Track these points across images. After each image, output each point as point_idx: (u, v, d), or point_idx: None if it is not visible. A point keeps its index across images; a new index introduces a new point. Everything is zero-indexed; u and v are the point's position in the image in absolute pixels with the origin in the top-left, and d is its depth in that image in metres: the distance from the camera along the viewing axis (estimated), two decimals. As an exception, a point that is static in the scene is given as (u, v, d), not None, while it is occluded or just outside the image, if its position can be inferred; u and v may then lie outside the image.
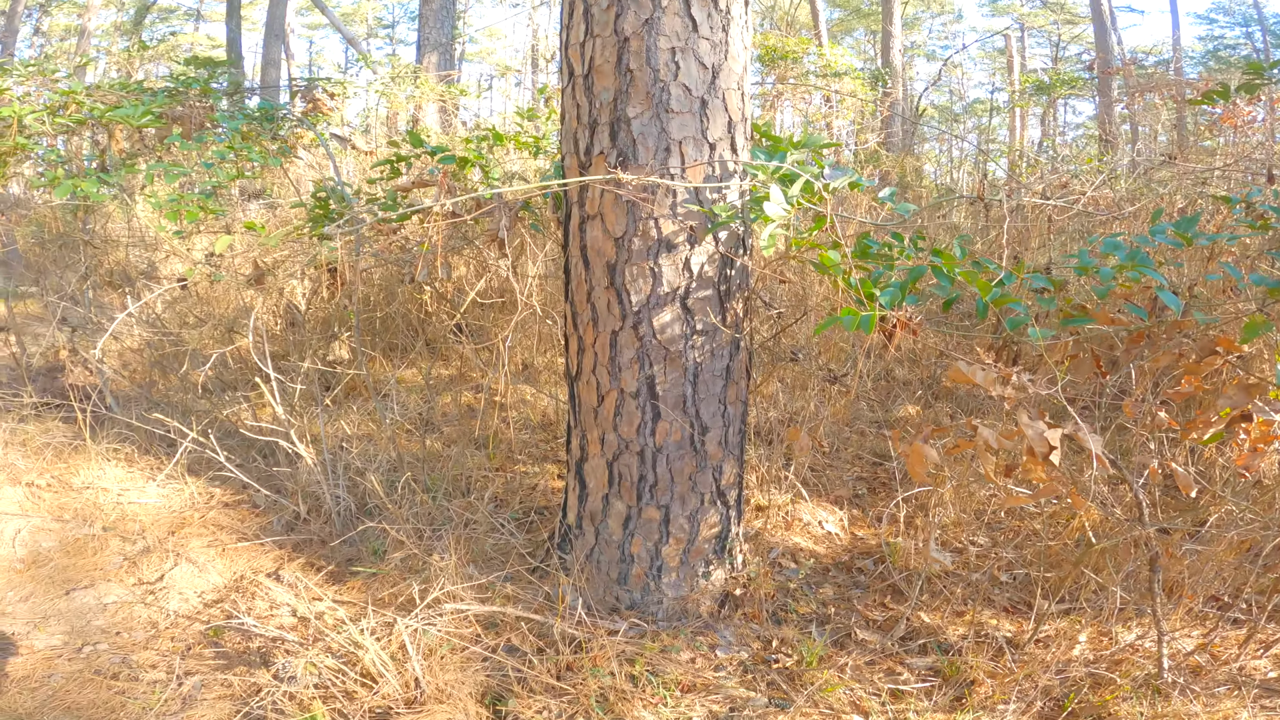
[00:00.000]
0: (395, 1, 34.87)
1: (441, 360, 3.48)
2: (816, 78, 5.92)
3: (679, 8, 1.74)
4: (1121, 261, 1.64)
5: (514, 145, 2.74)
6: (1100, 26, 13.88)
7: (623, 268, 1.79)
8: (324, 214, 2.35)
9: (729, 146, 1.79)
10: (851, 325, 1.43)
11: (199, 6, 29.52)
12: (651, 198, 1.69)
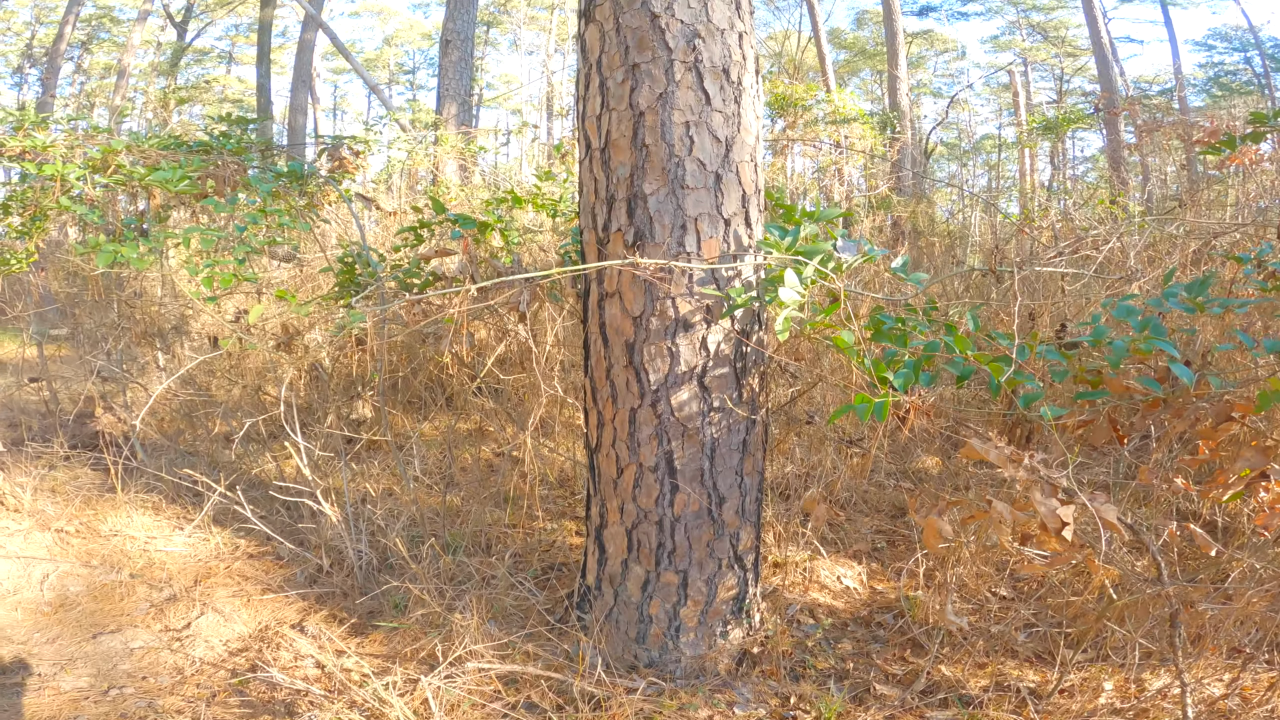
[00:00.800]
0: (416, 48, 36.03)
1: (461, 416, 3.54)
2: (826, 124, 6.03)
3: (692, 81, 1.81)
4: (1135, 332, 1.66)
5: (532, 207, 2.82)
6: (1101, 58, 14.01)
7: (641, 347, 1.83)
8: (350, 279, 2.43)
9: (743, 221, 1.84)
10: (865, 414, 1.46)
11: (231, 50, 30.72)
12: (669, 277, 1.74)
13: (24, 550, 2.65)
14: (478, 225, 2.27)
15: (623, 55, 1.83)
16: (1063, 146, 18.75)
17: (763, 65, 14.56)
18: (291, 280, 3.67)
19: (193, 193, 2.57)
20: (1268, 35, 24.62)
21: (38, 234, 3.54)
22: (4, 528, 2.81)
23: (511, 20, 31.10)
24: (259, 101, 15.23)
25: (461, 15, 8.45)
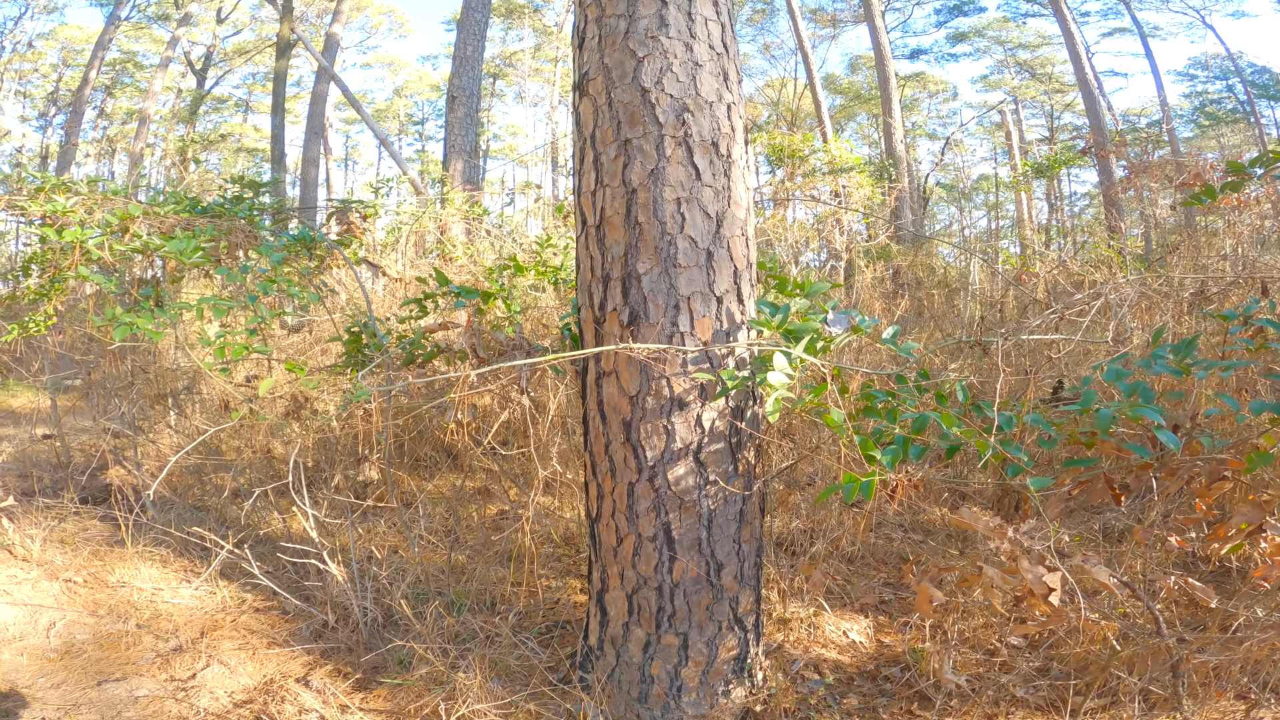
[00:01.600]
0: (425, 99, 37.06)
1: (466, 475, 3.59)
2: (824, 174, 6.16)
3: (682, 156, 1.88)
4: (1124, 398, 1.71)
5: (534, 274, 2.91)
6: (1087, 95, 14.28)
7: (638, 424, 1.88)
8: (358, 349, 2.51)
9: (735, 298, 1.90)
10: (850, 495, 1.51)
11: (248, 98, 31.70)
12: (664, 356, 1.80)
13: (31, 598, 2.69)
14: (481, 295, 2.35)
15: (615, 130, 1.91)
16: (1058, 185, 18.96)
17: (760, 113, 14.92)
18: (300, 343, 3.76)
19: (205, 263, 2.66)
20: (1247, 62, 24.95)
21: (56, 296, 3.64)
22: (12, 576, 2.85)
23: (516, 73, 32.00)
24: (273, 152, 15.63)
25: (467, 72, 8.69)
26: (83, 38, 27.17)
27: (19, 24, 25.36)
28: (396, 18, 30.14)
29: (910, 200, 10.65)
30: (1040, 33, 26.97)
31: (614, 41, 1.98)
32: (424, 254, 4.48)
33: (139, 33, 26.87)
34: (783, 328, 1.78)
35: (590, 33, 2.07)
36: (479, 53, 9.06)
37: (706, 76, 1.95)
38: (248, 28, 27.05)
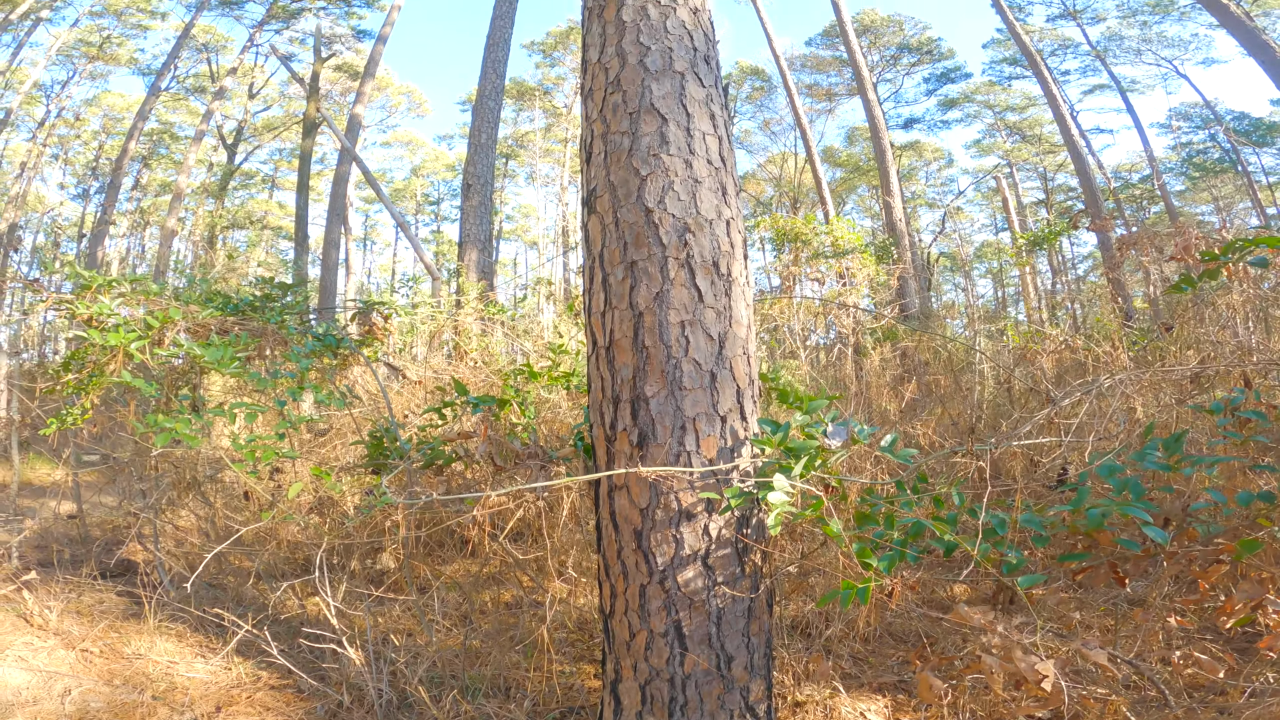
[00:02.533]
0: (441, 179, 38.50)
1: (481, 561, 3.65)
2: (827, 259, 6.36)
3: (685, 279, 2.03)
4: (1115, 494, 1.81)
5: (547, 379, 3.05)
6: (1076, 156, 14.60)
7: (648, 534, 1.98)
8: (379, 451, 2.63)
9: (739, 416, 2.02)
10: (847, 601, 1.59)
11: (274, 174, 33.11)
12: (671, 476, 1.91)
13: (47, 665, 2.72)
14: (497, 402, 2.48)
15: (622, 251, 2.07)
16: (1059, 249, 19.24)
17: (764, 190, 15.35)
18: (324, 444, 3.90)
19: (240, 375, 2.82)
20: (1225, 109, 25.33)
21: (94, 391, 3.82)
22: (28, 643, 2.89)
23: (528, 153, 33.25)
24: (297, 233, 16.30)
25: (481, 159, 9.06)
26: (124, 105, 28.54)
27: (65, 88, 26.53)
28: (415, 98, 31.59)
29: (914, 275, 10.83)
30: (1026, 94, 27.82)
31: (619, 159, 2.17)
32: (440, 348, 4.66)
33: (177, 104, 28.32)
34: (784, 444, 1.89)
35: (597, 148, 2.27)
36: (492, 139, 9.47)
37: (706, 193, 2.12)
38: (277, 104, 28.43)
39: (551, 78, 30.70)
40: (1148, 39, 23.76)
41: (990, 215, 33.43)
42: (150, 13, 23.15)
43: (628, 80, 2.26)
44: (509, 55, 10.90)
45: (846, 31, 15.34)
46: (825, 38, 27.05)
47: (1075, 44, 24.84)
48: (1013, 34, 16.04)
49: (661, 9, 2.41)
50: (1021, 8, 23.92)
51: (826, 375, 5.57)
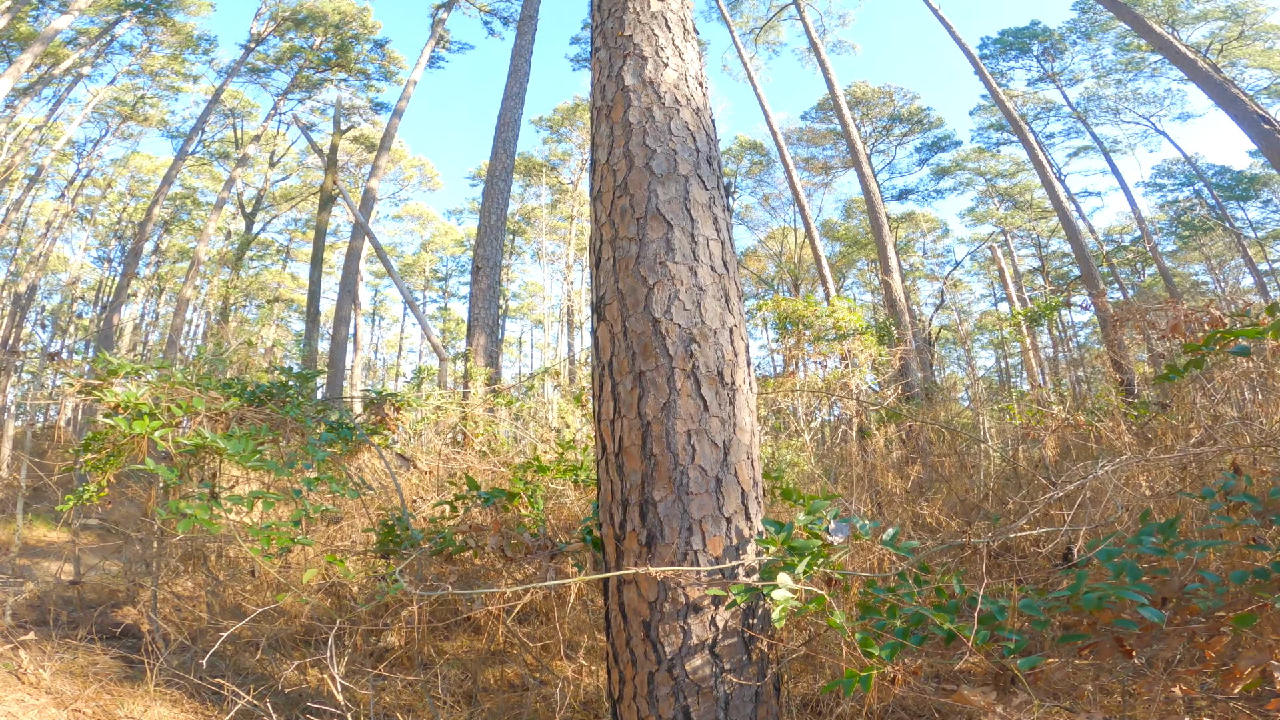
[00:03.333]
0: (449, 255, 39.46)
1: (486, 638, 3.64)
2: (829, 339, 6.49)
3: (691, 389, 2.13)
4: (1111, 579, 1.89)
5: (556, 473, 3.14)
6: (1066, 223, 14.83)
7: (656, 625, 2.03)
8: (390, 537, 2.69)
9: (743, 517, 2.10)
10: (849, 689, 1.64)
11: (289, 245, 33.97)
12: (679, 574, 1.97)
13: None
14: (506, 495, 2.56)
15: (630, 361, 2.18)
16: (1059, 316, 19.42)
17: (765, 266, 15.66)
18: (335, 531, 3.95)
19: (262, 467, 2.91)
20: (1206, 164, 25.85)
21: (111, 469, 3.92)
22: (19, 699, 2.86)
23: (534, 230, 34.03)
24: (309, 309, 16.71)
25: (490, 241, 9.30)
26: (150, 167, 29.52)
27: (97, 147, 27.41)
28: (427, 171, 32.65)
29: (916, 354, 10.91)
30: (1015, 159, 28.53)
31: (626, 266, 2.30)
32: (447, 432, 4.76)
33: (201, 168, 29.34)
34: (787, 543, 1.96)
35: (606, 253, 2.41)
36: (502, 220, 9.74)
37: (710, 301, 2.25)
38: (295, 173, 29.47)
39: (558, 153, 31.56)
40: (1124, 97, 24.53)
41: (988, 285, 33.85)
42: (184, 75, 24.30)
43: (634, 184, 2.43)
44: (519, 135, 11.31)
45: (840, 104, 16.00)
46: (820, 111, 28.08)
47: (1057, 106, 25.68)
48: (996, 100, 16.65)
49: (666, 110, 2.61)
50: (1004, 73, 25.03)
51: (831, 456, 5.62)
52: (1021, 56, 24.67)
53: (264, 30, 21.62)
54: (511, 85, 11.58)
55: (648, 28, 2.95)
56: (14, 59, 17.95)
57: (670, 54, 2.83)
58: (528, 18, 12.53)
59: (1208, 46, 20.86)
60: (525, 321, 42.62)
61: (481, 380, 6.68)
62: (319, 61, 21.99)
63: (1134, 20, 12.39)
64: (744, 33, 23.08)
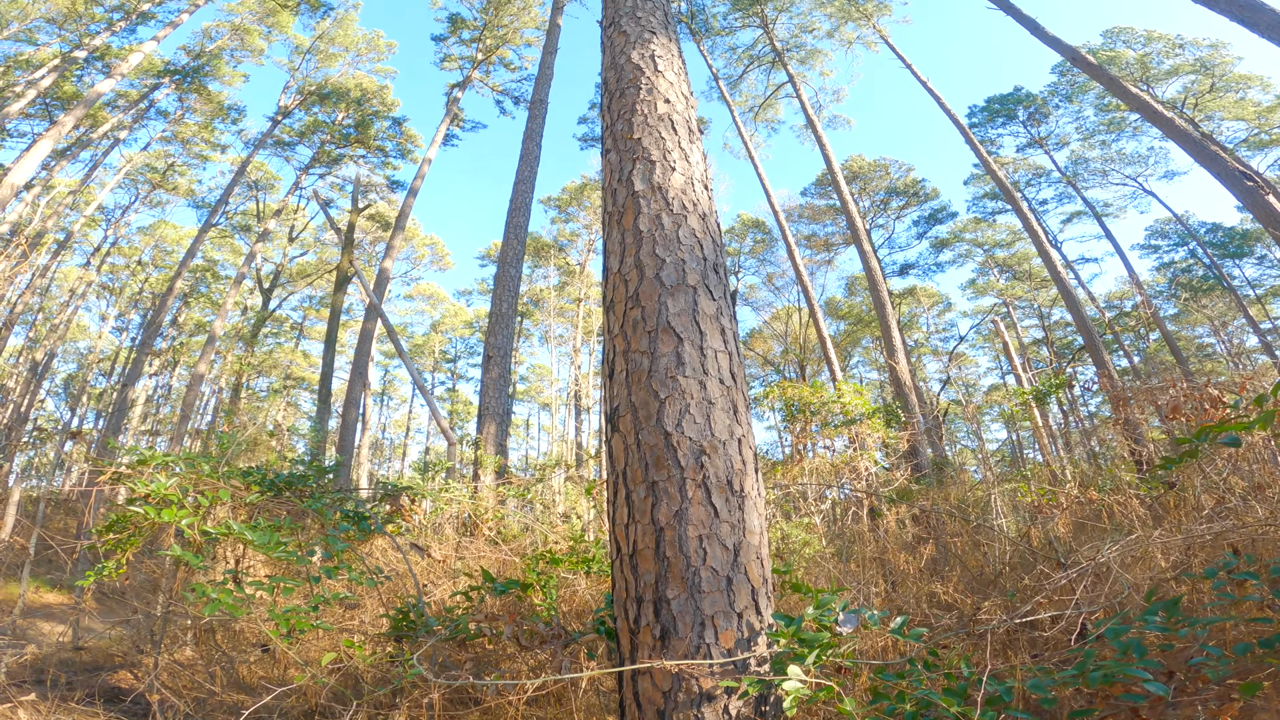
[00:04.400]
0: (459, 336, 40.11)
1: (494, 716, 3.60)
2: (837, 424, 6.56)
3: (702, 497, 2.23)
4: (1119, 657, 1.97)
5: (568, 565, 3.20)
6: (1065, 292, 14.83)
7: (671, 713, 2.06)
8: (404, 623, 2.74)
9: (754, 611, 2.17)
10: None
11: (303, 322, 34.55)
12: (692, 667, 2.03)
13: None
14: (520, 585, 2.63)
15: (644, 471, 2.29)
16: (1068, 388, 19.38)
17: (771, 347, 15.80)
18: (348, 614, 3.99)
19: (286, 558, 3.00)
20: (1198, 222, 25.79)
21: (131, 548, 4.02)
22: None
23: (542, 312, 34.44)
24: (321, 389, 16.96)
25: (502, 330, 9.41)
26: (175, 237, 30.25)
27: (125, 214, 28.15)
28: (439, 250, 33.47)
29: (925, 432, 10.86)
30: (1011, 228, 28.93)
31: (639, 379, 2.43)
32: (458, 522, 4.82)
33: (223, 240, 30.11)
34: (798, 636, 2.01)
35: (619, 366, 2.53)
36: (513, 309, 9.84)
37: (719, 414, 2.37)
38: (312, 249, 30.22)
39: (566, 233, 32.16)
40: (1110, 158, 24.95)
41: (994, 357, 33.73)
42: (213, 144, 25.39)
43: (646, 295, 2.58)
44: (529, 220, 11.48)
45: (838, 180, 16.52)
46: (819, 187, 28.77)
47: (1047, 171, 26.20)
48: (988, 170, 17.09)
49: (674, 217, 2.79)
50: (993, 140, 25.73)
51: (843, 536, 5.61)
52: (1009, 123, 25.38)
53: (291, 103, 22.68)
54: (523, 169, 11.84)
55: (655, 131, 3.18)
56: (56, 119, 18.89)
57: (677, 157, 3.05)
58: (538, 101, 13.02)
59: (1183, 101, 21.26)
60: (533, 404, 42.83)
61: (491, 468, 6.76)
62: (340, 137, 22.90)
63: (1109, 81, 12.62)
64: (743, 111, 23.95)
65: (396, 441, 44.70)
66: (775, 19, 21.84)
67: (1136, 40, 21.92)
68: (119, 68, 15.42)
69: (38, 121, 20.95)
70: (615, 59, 3.81)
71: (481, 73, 22.41)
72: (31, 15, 19.34)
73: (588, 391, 31.66)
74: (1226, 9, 8.72)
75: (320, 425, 14.42)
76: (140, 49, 16.37)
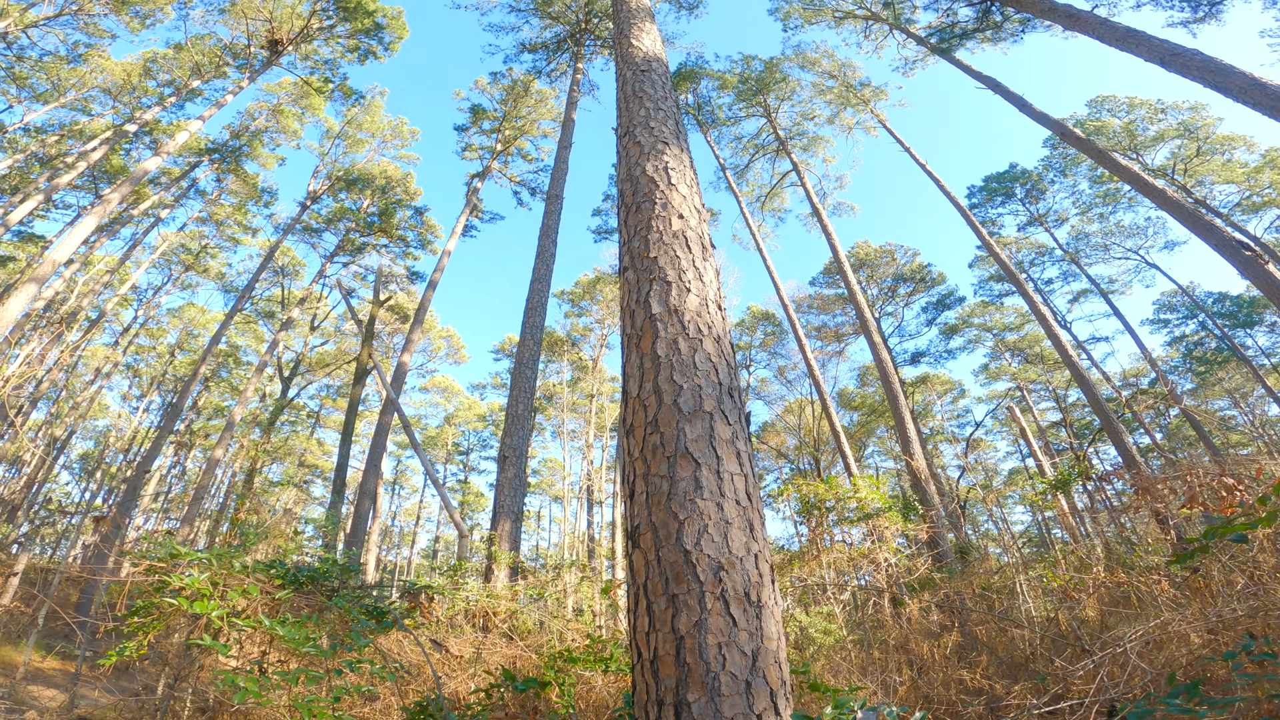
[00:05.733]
0: (472, 429, 40.32)
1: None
2: (854, 518, 6.52)
3: (721, 609, 2.30)
4: None
5: (586, 664, 3.22)
6: (1078, 375, 14.48)
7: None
8: (423, 716, 2.76)
9: (773, 713, 2.20)
10: None
11: (319, 410, 34.80)
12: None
13: None
14: (539, 684, 2.66)
15: (664, 585, 2.37)
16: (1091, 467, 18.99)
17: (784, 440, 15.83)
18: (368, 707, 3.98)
19: (315, 653, 3.05)
20: (1204, 292, 25.34)
21: (154, 631, 4.09)
22: None
23: (554, 408, 34.43)
24: (336, 479, 17.04)
25: (518, 430, 9.48)
26: (202, 320, 30.79)
27: (157, 294, 28.72)
28: (454, 343, 33.88)
29: (946, 521, 10.58)
30: (1019, 310, 28.63)
31: (659, 501, 2.51)
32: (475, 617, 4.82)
33: (247, 326, 30.65)
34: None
35: (639, 488, 2.61)
36: (529, 410, 9.93)
37: (736, 533, 2.45)
38: (333, 339, 30.70)
39: (580, 327, 32.35)
40: (1109, 232, 24.91)
41: (1012, 441, 32.88)
42: (245, 227, 26.47)
43: (664, 421, 2.68)
44: (545, 320, 11.55)
45: (845, 270, 16.67)
46: (826, 275, 28.88)
47: (1049, 250, 26.16)
48: (991, 253, 17.14)
49: (690, 341, 2.91)
50: (994, 220, 25.95)
51: (863, 626, 5.50)
52: (1007, 201, 25.62)
53: (320, 188, 23.61)
54: (539, 267, 12.02)
55: (670, 249, 3.34)
56: (102, 193, 19.68)
57: (691, 278, 3.19)
58: (554, 196, 13.47)
59: (1172, 168, 21.27)
60: (544, 496, 42.54)
61: (506, 564, 6.76)
62: (364, 225, 23.68)
63: (1098, 154, 12.72)
64: (750, 201, 24.49)
65: (407, 529, 44.23)
66: (778, 108, 22.63)
67: (1120, 108, 22.30)
68: (166, 145, 15.93)
69: (84, 194, 21.88)
70: (630, 170, 4.03)
71: (500, 163, 23.04)
72: (89, 84, 20.49)
73: (600, 485, 31.24)
74: (1199, 76, 8.76)
75: (334, 514, 14.37)
76: (186, 126, 17.01)
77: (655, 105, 4.45)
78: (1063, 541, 13.29)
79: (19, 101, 19.88)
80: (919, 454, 12.33)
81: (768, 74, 21.86)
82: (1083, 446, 15.62)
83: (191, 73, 20.20)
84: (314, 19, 19.28)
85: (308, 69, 20.85)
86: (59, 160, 20.54)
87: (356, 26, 19.83)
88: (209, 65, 20.03)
